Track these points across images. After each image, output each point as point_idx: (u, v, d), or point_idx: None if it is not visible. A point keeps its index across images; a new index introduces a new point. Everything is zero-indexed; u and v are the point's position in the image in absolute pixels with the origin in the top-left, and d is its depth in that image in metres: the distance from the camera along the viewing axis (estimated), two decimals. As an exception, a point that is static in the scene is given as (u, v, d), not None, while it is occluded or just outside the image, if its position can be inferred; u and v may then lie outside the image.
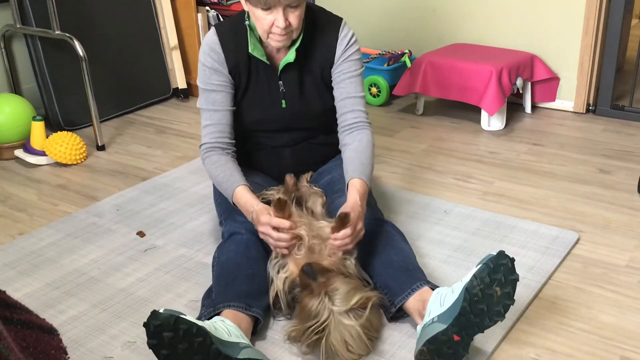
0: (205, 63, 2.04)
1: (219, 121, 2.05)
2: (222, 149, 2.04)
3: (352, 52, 2.06)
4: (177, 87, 3.76)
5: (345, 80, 2.06)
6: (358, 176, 1.92)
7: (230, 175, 1.98)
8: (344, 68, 2.06)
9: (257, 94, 2.08)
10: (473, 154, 2.99)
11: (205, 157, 2.05)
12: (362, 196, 1.87)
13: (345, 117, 2.07)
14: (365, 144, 2.02)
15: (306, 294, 1.71)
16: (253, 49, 2.00)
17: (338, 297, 1.66)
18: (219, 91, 2.04)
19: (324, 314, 1.65)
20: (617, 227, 2.34)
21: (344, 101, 2.07)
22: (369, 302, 1.70)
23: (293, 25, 1.89)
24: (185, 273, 2.10)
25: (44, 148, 2.90)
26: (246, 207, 1.90)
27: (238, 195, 1.93)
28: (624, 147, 3.02)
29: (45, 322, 1.86)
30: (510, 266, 1.58)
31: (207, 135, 2.06)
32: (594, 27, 3.25)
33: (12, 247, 2.27)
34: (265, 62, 2.03)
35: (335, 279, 1.71)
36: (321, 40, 2.05)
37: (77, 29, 3.17)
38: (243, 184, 1.95)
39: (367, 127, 2.07)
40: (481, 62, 3.21)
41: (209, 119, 2.05)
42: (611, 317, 1.87)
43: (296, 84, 2.07)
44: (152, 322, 1.49)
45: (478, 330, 1.61)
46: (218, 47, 2.02)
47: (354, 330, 1.66)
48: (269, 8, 1.84)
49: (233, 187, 1.95)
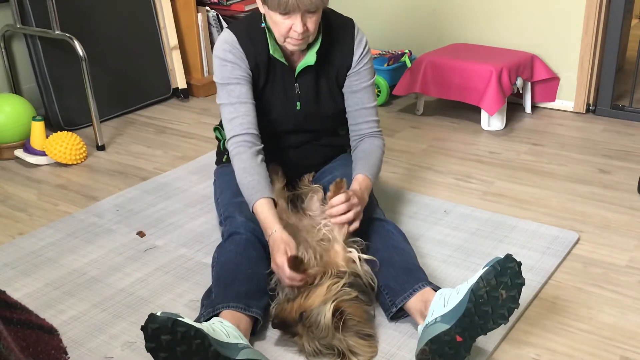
0: (227, 58, 2.00)
1: (246, 113, 1.98)
2: (252, 143, 1.97)
3: (367, 60, 2.09)
4: (177, 87, 3.76)
5: (360, 90, 2.09)
6: (363, 172, 1.99)
7: (258, 183, 1.91)
8: (359, 77, 2.08)
9: (273, 94, 2.08)
10: (473, 154, 2.99)
11: (235, 154, 1.97)
12: (363, 188, 1.93)
13: (359, 127, 2.12)
14: (375, 147, 2.10)
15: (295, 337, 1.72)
16: (274, 50, 2.00)
17: (314, 327, 1.65)
18: (243, 84, 2.00)
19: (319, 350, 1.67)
20: (617, 227, 2.34)
21: (359, 112, 2.11)
22: (342, 305, 1.69)
23: (310, 30, 1.90)
24: (185, 273, 2.10)
25: (44, 148, 2.90)
26: (264, 225, 1.86)
27: (259, 209, 1.87)
28: (624, 147, 3.02)
29: (45, 322, 1.86)
30: (517, 269, 1.58)
31: (234, 128, 1.97)
32: (594, 27, 3.25)
33: (12, 247, 2.27)
34: (284, 64, 2.03)
35: (306, 301, 1.70)
36: (338, 44, 2.06)
37: (77, 29, 3.17)
38: (267, 196, 1.89)
39: (379, 135, 2.14)
40: (481, 62, 3.21)
41: (233, 112, 1.98)
42: (611, 317, 1.87)
43: (312, 86, 2.08)
44: (150, 325, 1.49)
45: (481, 332, 1.61)
46: (239, 46, 2.00)
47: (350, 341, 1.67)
48: (288, 13, 1.84)
49: (256, 197, 1.88)
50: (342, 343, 1.66)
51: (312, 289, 1.71)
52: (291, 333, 1.71)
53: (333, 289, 1.71)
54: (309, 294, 1.70)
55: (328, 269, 1.77)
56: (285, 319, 1.70)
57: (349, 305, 1.71)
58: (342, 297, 1.71)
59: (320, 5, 1.86)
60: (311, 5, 1.83)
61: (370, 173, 2.01)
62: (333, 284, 1.72)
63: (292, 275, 1.72)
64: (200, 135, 3.25)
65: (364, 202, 1.92)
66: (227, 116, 2.00)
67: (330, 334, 1.65)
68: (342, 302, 1.70)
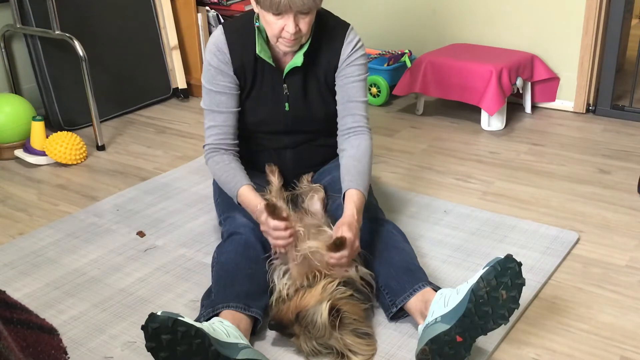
0: (212, 63, 2.03)
1: (223, 123, 2.05)
2: (225, 150, 2.05)
3: (357, 57, 2.05)
4: (177, 87, 3.76)
5: (348, 84, 2.05)
6: (355, 187, 1.90)
7: (234, 176, 1.99)
8: (347, 72, 2.05)
9: (261, 95, 2.08)
10: (473, 154, 2.99)
11: (208, 158, 2.07)
12: (358, 209, 1.86)
13: (345, 120, 2.06)
14: (363, 150, 2.01)
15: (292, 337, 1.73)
16: (260, 50, 2.00)
17: (311, 326, 1.66)
18: (223, 93, 2.03)
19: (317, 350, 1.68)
20: (617, 227, 2.34)
21: (345, 105, 2.06)
22: (338, 303, 1.69)
23: (302, 31, 1.89)
24: (185, 273, 2.10)
25: (44, 148, 2.90)
26: (250, 207, 1.92)
27: (242, 195, 1.95)
28: (624, 147, 3.02)
29: (45, 322, 1.85)
30: (518, 270, 1.58)
31: (210, 136, 2.06)
32: (594, 27, 3.25)
33: (12, 247, 2.27)
34: (271, 64, 2.03)
35: (301, 304, 1.70)
36: (327, 45, 2.05)
37: (77, 29, 3.17)
38: (246, 183, 1.96)
39: (365, 132, 2.05)
40: (481, 62, 3.21)
41: (212, 120, 2.06)
42: (611, 317, 1.87)
43: (300, 87, 2.08)
44: (150, 324, 1.49)
45: (481, 332, 1.61)
46: (225, 47, 2.01)
47: (347, 340, 1.67)
48: (280, 13, 1.84)
49: (237, 187, 1.96)
50: (340, 342, 1.66)
51: (307, 290, 1.72)
52: (288, 334, 1.71)
53: (328, 288, 1.72)
54: (305, 294, 1.71)
55: (323, 270, 1.77)
56: (282, 320, 1.70)
57: (344, 303, 1.71)
58: (337, 296, 1.71)
59: (313, 7, 1.85)
60: (303, 7, 1.82)
61: (362, 186, 1.92)
62: (328, 284, 1.72)
63: (276, 224, 1.76)
64: (200, 135, 3.25)
65: (360, 224, 1.85)
66: (206, 122, 2.08)
67: (327, 333, 1.65)
68: (338, 300, 1.70)
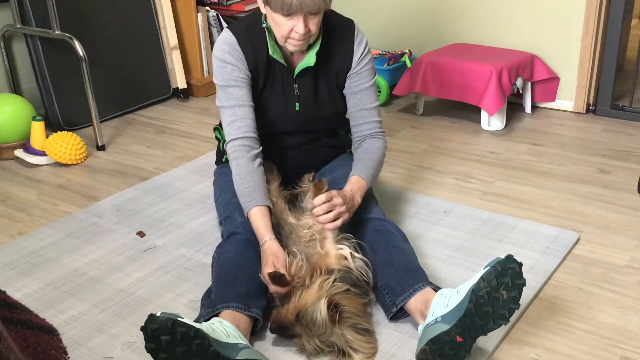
0: (226, 60, 2.01)
1: (245, 116, 2.00)
2: (250, 147, 1.99)
3: (367, 61, 2.09)
4: (177, 87, 3.76)
5: (361, 91, 2.09)
6: (358, 174, 1.99)
7: (252, 190, 1.93)
8: (360, 79, 2.08)
9: (272, 95, 2.08)
10: (473, 154, 2.99)
11: (232, 159, 1.99)
12: (355, 189, 1.93)
13: (361, 128, 2.13)
14: (376, 148, 2.10)
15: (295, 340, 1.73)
16: (273, 51, 2.00)
17: (312, 325, 1.66)
18: (242, 87, 2.01)
19: (319, 349, 1.68)
20: (617, 227, 2.34)
21: (360, 113, 2.11)
22: (336, 298, 1.70)
23: (312, 31, 1.90)
24: (185, 273, 2.10)
25: (44, 148, 2.90)
26: (257, 233, 1.89)
27: (252, 217, 1.90)
28: (624, 147, 3.01)
29: (45, 322, 1.86)
30: (518, 270, 1.58)
31: (233, 131, 2.00)
32: (594, 27, 3.25)
33: (12, 247, 2.27)
34: (284, 65, 2.03)
35: (300, 299, 1.71)
36: (338, 45, 2.06)
37: (77, 29, 3.17)
38: (262, 204, 1.91)
39: (380, 136, 2.14)
40: (481, 62, 3.20)
41: (232, 115, 2.00)
42: (611, 317, 1.87)
43: (311, 87, 2.08)
44: (150, 325, 1.49)
45: (481, 332, 1.61)
46: (238, 47, 2.01)
47: (348, 336, 1.67)
48: (291, 14, 1.84)
49: (251, 205, 1.91)
50: (341, 339, 1.66)
51: (304, 290, 1.73)
52: (290, 335, 1.72)
53: (325, 285, 1.72)
54: (302, 294, 1.72)
55: (318, 268, 1.78)
56: (283, 322, 1.71)
57: (342, 297, 1.72)
58: (334, 291, 1.72)
59: (322, 7, 1.86)
60: (314, 7, 1.83)
61: (365, 174, 2.00)
62: (324, 281, 1.73)
63: (276, 289, 1.76)
64: (200, 135, 3.25)
65: (355, 202, 1.92)
66: (226, 119, 2.02)
67: (328, 330, 1.65)
68: (335, 295, 1.71)
